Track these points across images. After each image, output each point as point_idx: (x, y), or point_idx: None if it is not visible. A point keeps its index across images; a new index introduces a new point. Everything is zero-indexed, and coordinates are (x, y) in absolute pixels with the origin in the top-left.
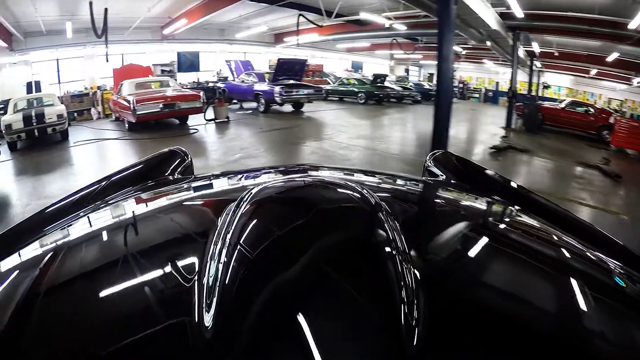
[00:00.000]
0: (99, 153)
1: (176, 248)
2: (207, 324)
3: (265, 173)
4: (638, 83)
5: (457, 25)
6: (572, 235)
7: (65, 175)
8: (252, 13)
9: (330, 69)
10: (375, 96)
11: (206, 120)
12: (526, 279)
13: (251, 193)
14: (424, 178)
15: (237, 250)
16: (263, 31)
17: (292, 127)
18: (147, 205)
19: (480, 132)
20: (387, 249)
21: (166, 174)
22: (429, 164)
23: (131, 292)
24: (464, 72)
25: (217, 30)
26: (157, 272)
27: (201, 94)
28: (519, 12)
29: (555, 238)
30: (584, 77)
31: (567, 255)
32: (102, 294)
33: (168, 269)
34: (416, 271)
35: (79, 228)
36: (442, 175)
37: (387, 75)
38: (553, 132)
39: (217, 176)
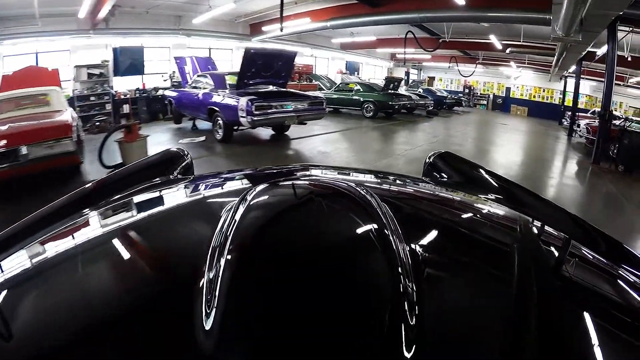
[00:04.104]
0: None
1: (176, 248)
2: (207, 326)
3: (266, 173)
4: None
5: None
6: (570, 234)
7: None
8: None
9: (320, 70)
10: (388, 107)
11: (106, 168)
12: (526, 278)
13: (252, 193)
14: (424, 178)
15: (237, 251)
16: (229, 11)
17: None
18: (147, 205)
19: (576, 181)
20: (387, 249)
21: (166, 174)
22: (429, 164)
23: (131, 293)
24: (471, 76)
25: (170, 16)
26: (157, 273)
27: (73, 121)
28: None
29: (555, 237)
30: (618, 84)
31: (565, 253)
32: (102, 293)
33: (168, 269)
34: (416, 271)
35: (79, 229)
36: (442, 175)
37: (402, 80)
38: None
39: (217, 176)
